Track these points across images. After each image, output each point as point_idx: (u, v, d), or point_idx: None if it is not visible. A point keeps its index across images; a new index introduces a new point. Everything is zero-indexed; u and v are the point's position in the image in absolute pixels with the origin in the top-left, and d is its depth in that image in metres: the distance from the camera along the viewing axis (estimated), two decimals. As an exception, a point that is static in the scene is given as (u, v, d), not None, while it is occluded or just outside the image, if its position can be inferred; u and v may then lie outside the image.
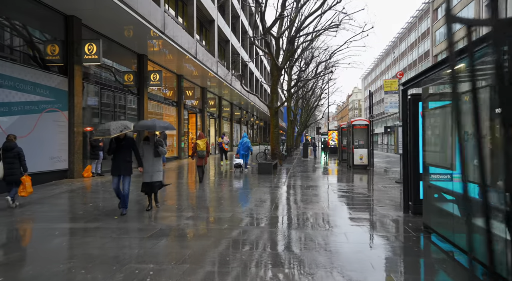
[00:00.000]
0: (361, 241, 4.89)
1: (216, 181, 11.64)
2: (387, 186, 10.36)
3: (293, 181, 11.37)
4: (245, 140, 14.96)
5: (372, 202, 7.74)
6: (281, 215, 6.49)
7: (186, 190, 9.48)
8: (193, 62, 18.64)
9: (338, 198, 8.34)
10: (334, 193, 9.09)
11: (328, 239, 4.92)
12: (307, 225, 5.76)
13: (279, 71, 17.10)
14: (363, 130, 16.59)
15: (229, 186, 10.30)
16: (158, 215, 6.41)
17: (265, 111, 49.29)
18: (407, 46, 56.53)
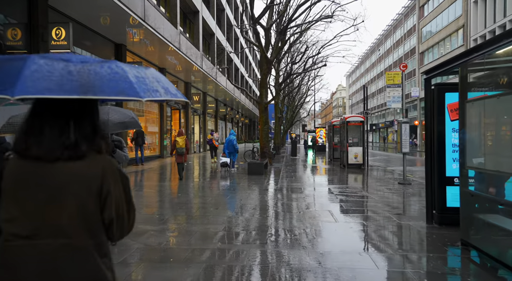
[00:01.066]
0: (391, 265, 3.89)
1: (201, 183, 10.51)
2: (392, 188, 9.46)
3: (287, 184, 10.35)
4: (230, 138, 13.85)
5: (385, 210, 6.79)
6: (282, 232, 5.44)
7: (166, 195, 8.32)
8: (177, 54, 17.39)
9: (344, 205, 7.36)
10: (337, 198, 8.11)
11: (355, 269, 3.89)
12: (316, 244, 4.74)
13: (269, 64, 16.04)
14: (357, 127, 15.73)
15: (216, 189, 9.20)
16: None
17: (251, 108, 48.22)
18: (393, 43, 56.39)
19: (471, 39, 31.33)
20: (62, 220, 1.15)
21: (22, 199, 1.16)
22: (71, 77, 1.04)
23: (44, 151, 1.15)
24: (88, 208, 1.18)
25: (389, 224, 5.68)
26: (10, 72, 1.00)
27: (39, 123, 1.17)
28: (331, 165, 17.38)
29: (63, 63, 1.07)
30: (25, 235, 1.14)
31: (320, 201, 7.63)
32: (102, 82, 1.07)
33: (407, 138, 10.17)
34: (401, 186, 9.89)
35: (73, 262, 1.15)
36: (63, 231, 1.15)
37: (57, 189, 1.16)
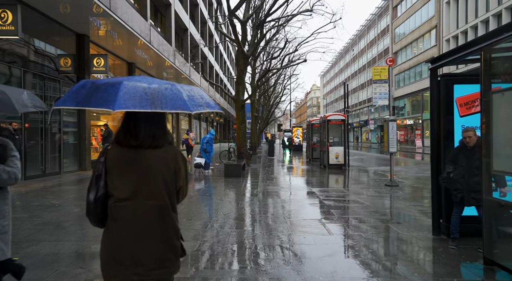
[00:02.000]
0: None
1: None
2: (380, 191, 8.83)
3: (268, 188, 9.52)
4: (207, 137, 12.89)
5: (382, 218, 6.08)
6: (268, 252, 4.59)
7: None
8: (147, 49, 16.19)
9: (335, 212, 6.59)
10: (325, 205, 7.35)
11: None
12: (315, 268, 3.92)
13: (245, 60, 15.16)
14: (338, 126, 15.14)
15: (190, 195, 8.23)
16: (87, 252, 4.24)
17: (226, 107, 47.18)
18: (367, 44, 56.92)
19: (444, 40, 31.75)
20: (151, 187, 1.75)
21: (124, 173, 1.74)
22: (146, 96, 1.62)
23: (139, 142, 1.76)
24: (167, 179, 1.80)
25: (391, 236, 4.95)
26: (110, 93, 1.59)
27: (134, 125, 1.77)
28: (311, 165, 16.73)
29: (142, 86, 1.64)
30: (126, 198, 1.73)
31: (307, 208, 6.84)
32: (166, 100, 1.65)
33: (394, 137, 9.60)
34: (388, 188, 9.29)
35: (158, 215, 1.76)
36: (152, 195, 1.75)
37: (148, 167, 1.75)
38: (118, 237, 1.72)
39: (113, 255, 1.71)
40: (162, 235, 1.77)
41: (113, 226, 1.74)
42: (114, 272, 1.71)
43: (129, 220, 1.72)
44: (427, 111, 35.92)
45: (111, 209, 1.74)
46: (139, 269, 1.70)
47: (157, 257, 1.74)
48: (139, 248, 1.72)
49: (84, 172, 12.43)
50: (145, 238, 1.73)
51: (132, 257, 1.70)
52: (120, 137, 1.78)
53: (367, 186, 9.73)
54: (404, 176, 12.22)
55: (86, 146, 12.98)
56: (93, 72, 13.23)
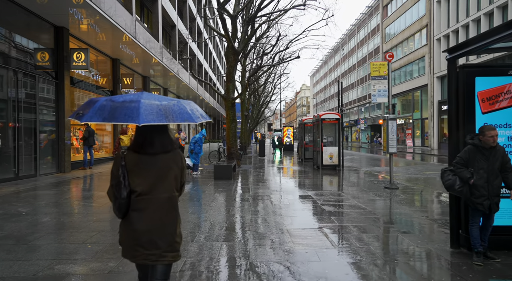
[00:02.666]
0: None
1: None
2: (381, 195, 8.28)
3: (261, 191, 8.89)
4: (196, 137, 12.37)
5: (388, 226, 5.50)
6: (267, 271, 3.95)
7: (106, 212, 6.56)
8: (132, 44, 15.40)
9: (336, 220, 5.99)
10: (324, 211, 6.75)
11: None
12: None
13: (236, 56, 14.51)
14: (332, 125, 14.60)
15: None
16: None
17: (215, 106, 46.44)
18: (357, 43, 56.77)
19: (435, 39, 31.59)
20: (165, 183, 2.20)
21: (142, 173, 2.15)
22: (160, 112, 2.03)
23: (154, 150, 2.18)
24: (177, 176, 2.27)
25: (404, 249, 4.36)
26: (132, 110, 1.98)
27: (149, 137, 2.18)
28: (303, 166, 16.16)
29: (156, 104, 2.06)
30: (145, 192, 2.15)
31: (305, 215, 6.22)
32: (176, 114, 2.11)
33: (394, 137, 9.06)
34: (388, 191, 8.75)
35: (171, 206, 2.23)
36: (166, 189, 2.21)
37: (161, 168, 2.20)
38: (138, 225, 2.11)
39: (134, 239, 2.11)
40: (172, 222, 2.23)
41: (134, 215, 2.13)
42: (135, 252, 2.12)
43: (148, 210, 2.14)
44: (418, 111, 35.78)
45: (134, 202, 2.14)
46: (157, 251, 2.13)
47: (169, 240, 2.18)
48: (156, 233, 2.14)
49: (63, 175, 11.60)
50: (160, 225, 2.17)
51: (150, 241, 2.12)
52: (137, 146, 2.19)
53: (365, 189, 9.17)
54: (401, 177, 11.73)
55: (65, 146, 12.14)
56: (73, 68, 12.40)
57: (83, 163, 13.28)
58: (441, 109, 30.84)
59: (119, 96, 2.13)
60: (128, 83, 17.26)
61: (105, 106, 2.05)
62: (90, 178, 11.26)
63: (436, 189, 9.06)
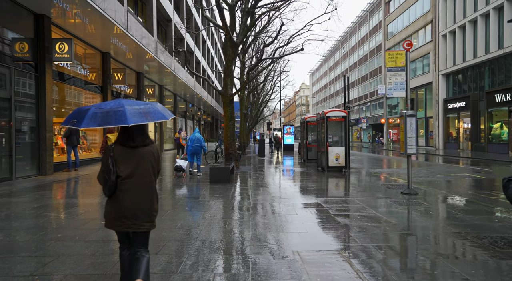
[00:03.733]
0: None
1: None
2: (399, 202, 7.22)
3: (263, 198, 7.82)
4: (196, 136, 11.40)
5: (423, 245, 4.45)
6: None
7: (86, 222, 5.48)
8: (124, 37, 14.33)
9: (357, 237, 4.93)
10: (340, 224, 5.69)
11: None
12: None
13: (234, 48, 13.43)
14: (339, 123, 13.53)
15: (166, 209, 6.46)
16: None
17: (213, 105, 45.35)
18: (358, 41, 55.71)
19: (440, 35, 30.55)
20: (144, 170, 2.79)
21: (126, 162, 2.73)
22: (141, 114, 2.66)
23: (135, 144, 2.78)
24: (153, 164, 2.86)
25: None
26: (121, 115, 2.57)
27: (131, 133, 2.79)
28: (307, 167, 15.09)
29: (136, 108, 2.68)
30: (128, 176, 2.72)
31: (318, 231, 5.15)
32: (152, 115, 2.73)
33: (413, 136, 8.00)
34: (407, 197, 7.69)
35: (149, 187, 2.82)
36: (145, 174, 2.79)
37: (141, 157, 2.78)
38: (124, 203, 2.74)
39: (120, 213, 2.73)
40: (150, 200, 2.87)
41: (119, 196, 2.74)
42: (120, 222, 2.74)
43: (131, 190, 2.77)
44: (422, 109, 34.76)
45: (119, 184, 2.74)
46: (137, 221, 2.77)
47: (147, 214, 2.83)
48: (137, 208, 2.78)
49: (43, 178, 10.52)
50: (141, 203, 2.80)
51: (133, 214, 2.75)
52: (122, 141, 2.81)
53: (380, 195, 8.11)
54: (416, 180, 10.67)
55: (47, 146, 11.05)
56: (56, 60, 11.30)
57: (67, 164, 12.20)
58: (447, 108, 29.81)
59: (103, 104, 2.72)
60: (119, 79, 16.17)
61: (97, 113, 2.63)
62: (74, 181, 10.17)
63: (463, 196, 8.01)
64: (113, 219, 2.74)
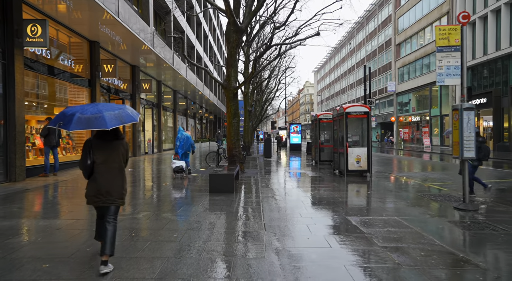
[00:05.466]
0: None
1: (134, 210, 5.91)
2: (457, 222, 5.40)
3: (276, 216, 6.04)
4: (185, 135, 11.01)
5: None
6: None
7: (57, 249, 3.72)
8: (114, 24, 12.59)
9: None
10: (392, 257, 3.90)
11: None
12: None
13: (238, 34, 11.62)
14: (359, 120, 11.71)
15: (140, 232, 4.69)
16: None
17: (215, 102, 43.56)
18: (365, 36, 53.70)
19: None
20: (116, 157, 3.67)
21: (101, 151, 3.60)
22: (117, 118, 3.43)
23: (109, 138, 3.64)
24: (123, 154, 3.73)
25: None
26: (101, 120, 3.31)
27: (107, 131, 3.55)
28: (321, 171, 13.27)
29: (113, 113, 3.43)
30: (102, 162, 3.59)
31: (354, 266, 3.35)
32: (125, 118, 3.51)
33: (472, 135, 6.18)
34: (467, 216, 5.88)
35: (119, 171, 3.69)
36: (116, 161, 3.67)
37: (113, 148, 3.66)
38: (99, 182, 3.56)
39: (96, 190, 3.56)
40: (120, 181, 3.70)
41: (96, 177, 3.58)
42: (96, 198, 3.59)
43: (105, 173, 3.60)
44: (436, 107, 32.82)
45: (95, 168, 3.60)
46: (111, 197, 3.62)
47: (118, 192, 3.67)
48: (110, 187, 3.61)
49: (11, 185, 8.78)
50: (112, 182, 3.63)
51: (107, 191, 3.59)
52: (100, 136, 3.62)
53: (427, 210, 6.31)
54: (454, 187, 8.84)
55: (16, 147, 9.31)
56: (27, 45, 9.53)
57: (44, 168, 10.46)
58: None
59: (85, 110, 3.40)
60: (109, 71, 14.40)
61: (81, 118, 3.32)
62: (49, 189, 8.41)
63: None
64: (92, 196, 3.62)
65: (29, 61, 10.40)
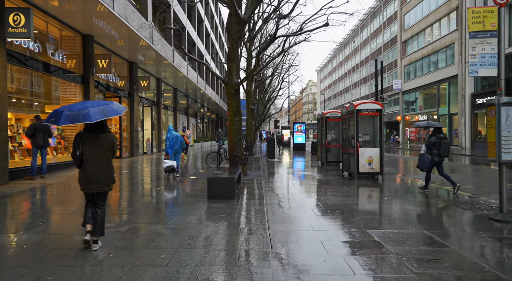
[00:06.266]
0: None
1: (119, 222, 5.09)
2: (502, 238, 4.54)
3: (284, 227, 5.22)
4: (175, 134, 10.63)
5: None
6: None
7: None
8: (109, 16, 11.79)
9: None
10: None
11: None
12: None
13: (240, 26, 10.78)
14: (371, 118, 10.87)
15: (140, 253, 3.87)
16: None
17: (217, 101, 42.76)
18: (370, 34, 52.68)
19: (467, 23, 27.56)
20: (103, 149, 4.14)
21: (90, 143, 4.09)
22: (101, 112, 3.87)
23: (96, 131, 4.12)
24: (110, 145, 4.19)
25: None
26: (85, 115, 3.77)
27: (95, 124, 4.06)
28: (328, 173, 12.42)
29: (98, 108, 3.88)
30: (90, 153, 4.08)
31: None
32: (109, 112, 3.97)
33: (511, 134, 5.32)
34: (505, 227, 5.02)
35: (106, 161, 4.17)
36: (103, 152, 4.15)
37: (101, 141, 4.14)
38: (88, 171, 4.03)
39: (87, 179, 4.04)
40: (107, 170, 4.16)
41: (86, 166, 4.05)
42: (87, 186, 4.06)
43: (93, 163, 4.06)
44: (445, 105, 31.86)
45: (84, 158, 4.06)
46: (99, 184, 4.08)
47: (106, 180, 4.14)
48: (99, 175, 4.07)
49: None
50: (100, 171, 4.09)
51: (96, 179, 4.06)
52: (88, 129, 4.09)
53: (460, 222, 5.46)
54: (477, 193, 7.96)
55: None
56: (9, 36, 8.72)
57: (31, 170, 9.66)
58: (475, 103, 26.89)
59: (73, 107, 3.90)
60: (104, 66, 13.60)
61: (68, 115, 3.77)
62: (35, 193, 7.61)
63: None
64: (83, 184, 4.09)
65: (15, 54, 9.60)
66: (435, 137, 8.00)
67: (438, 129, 8.21)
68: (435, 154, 7.89)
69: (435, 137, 7.99)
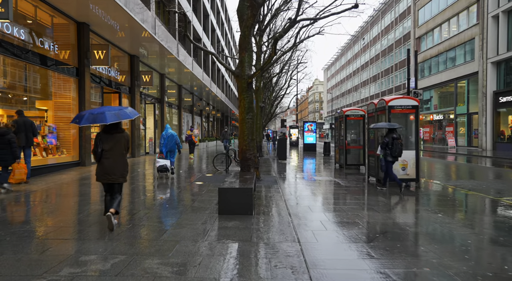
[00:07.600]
0: None
1: (102, 252, 3.76)
2: None
3: (328, 263, 3.84)
4: (170, 132, 10.70)
5: None
6: None
7: None
8: (107, 4, 10.50)
9: None
10: None
11: None
12: None
13: (254, 10, 9.42)
14: (403, 116, 9.45)
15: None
16: None
17: (223, 99, 41.45)
18: (381, 30, 51.01)
19: (490, 16, 25.99)
20: (119, 146, 5.03)
21: (108, 142, 4.96)
22: (115, 115, 4.82)
23: (113, 132, 5.01)
24: (124, 144, 5.10)
25: None
26: (102, 117, 4.71)
27: (111, 126, 4.98)
28: (349, 178, 11.01)
29: (113, 112, 4.84)
30: (108, 150, 4.95)
31: None
32: (122, 115, 4.91)
33: None
34: None
35: (121, 157, 5.08)
36: (119, 150, 5.04)
37: (117, 140, 5.02)
38: (106, 165, 4.87)
39: (104, 171, 4.88)
40: (122, 164, 5.03)
41: (103, 161, 4.89)
42: (104, 177, 4.91)
43: (110, 158, 4.90)
44: (463, 104, 30.24)
45: (103, 155, 4.89)
46: (115, 176, 4.94)
47: (120, 172, 5.00)
48: (115, 169, 4.93)
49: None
50: (116, 165, 4.94)
51: (112, 171, 4.91)
52: (105, 130, 4.92)
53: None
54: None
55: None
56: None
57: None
58: (498, 102, 25.30)
59: (93, 110, 4.83)
60: (100, 58, 12.28)
61: (89, 117, 4.70)
62: (10, 205, 6.30)
63: None
64: (101, 175, 4.90)
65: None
66: (387, 138, 8.15)
67: (392, 129, 8.19)
68: (388, 154, 8.12)
69: (388, 138, 8.12)
